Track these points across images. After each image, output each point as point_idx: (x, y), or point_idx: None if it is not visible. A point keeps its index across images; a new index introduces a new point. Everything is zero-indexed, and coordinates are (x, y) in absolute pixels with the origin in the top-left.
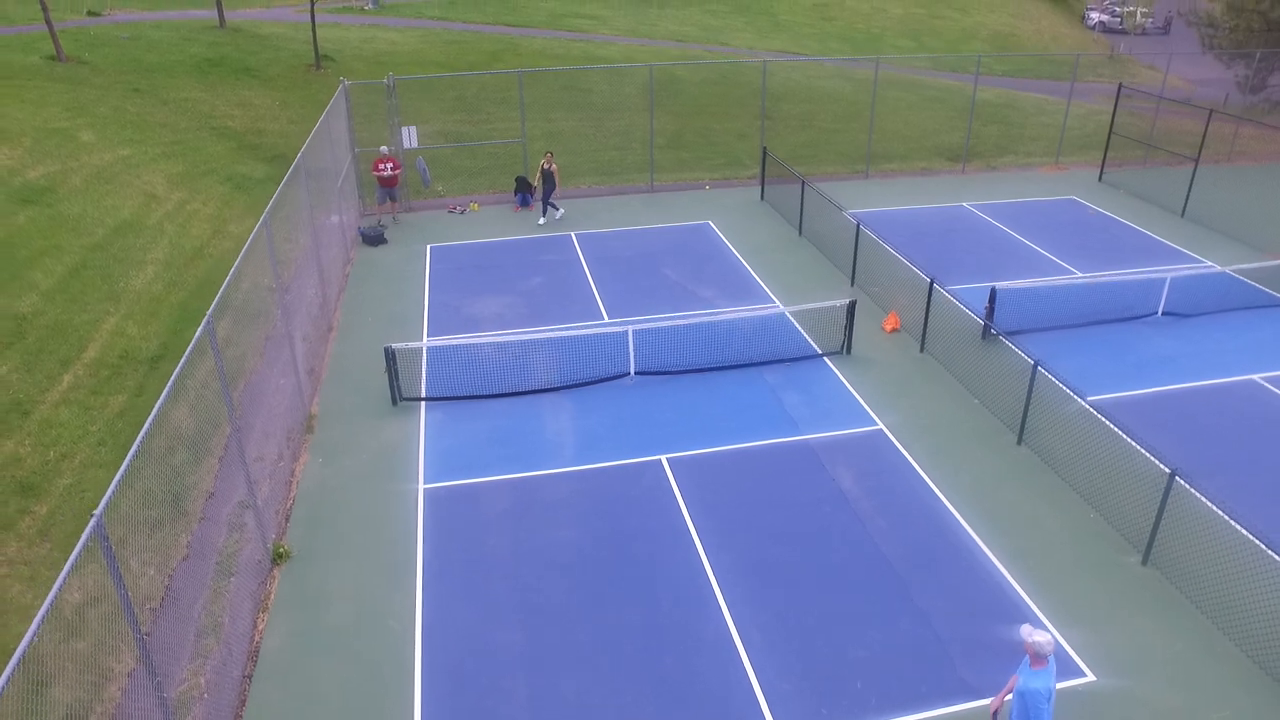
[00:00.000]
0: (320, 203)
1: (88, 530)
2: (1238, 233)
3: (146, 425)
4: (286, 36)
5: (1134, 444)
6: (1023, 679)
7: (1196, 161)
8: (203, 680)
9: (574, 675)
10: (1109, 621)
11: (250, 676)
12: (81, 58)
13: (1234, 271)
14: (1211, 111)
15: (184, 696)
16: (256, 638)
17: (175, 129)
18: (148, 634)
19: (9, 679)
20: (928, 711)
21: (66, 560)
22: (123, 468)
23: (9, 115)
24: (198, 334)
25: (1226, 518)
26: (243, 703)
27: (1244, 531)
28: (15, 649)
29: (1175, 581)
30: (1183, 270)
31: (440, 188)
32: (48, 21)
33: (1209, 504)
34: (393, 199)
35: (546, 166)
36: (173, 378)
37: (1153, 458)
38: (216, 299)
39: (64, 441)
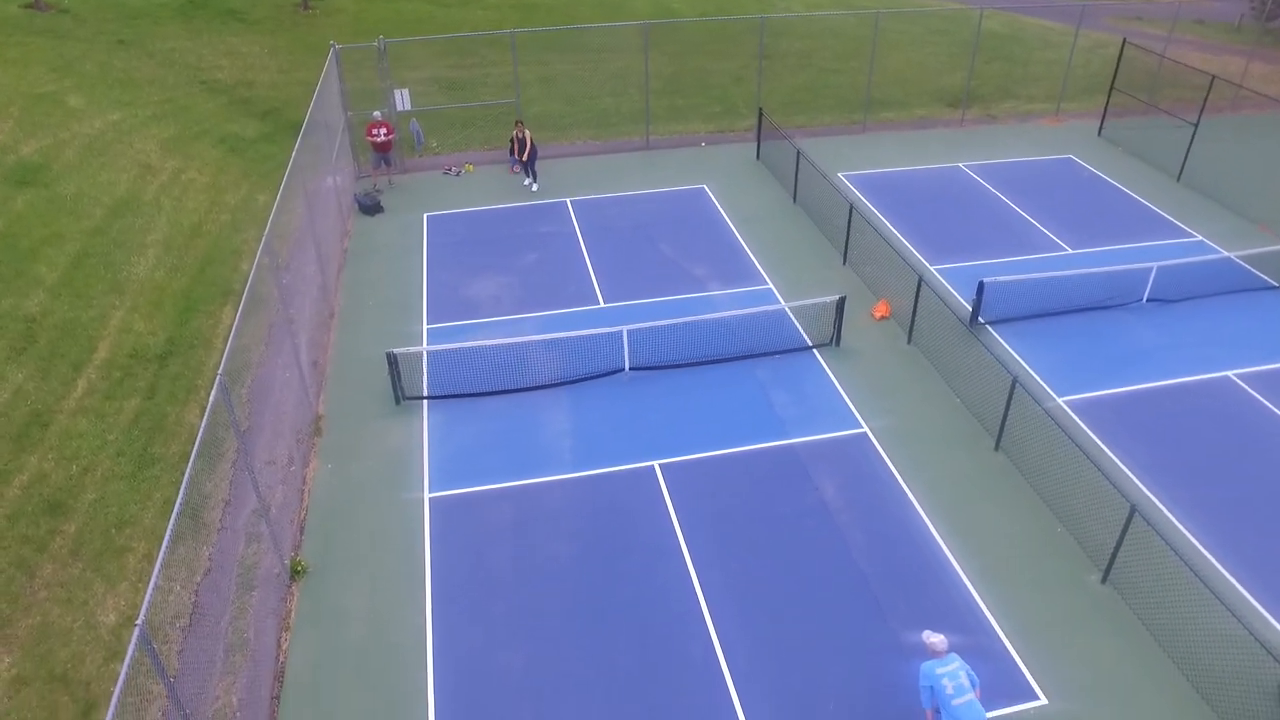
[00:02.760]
0: (314, 164)
1: (133, 644)
2: (1230, 200)
3: (178, 507)
4: None
5: (1098, 470)
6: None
7: (1196, 125)
8: (235, 699)
9: (573, 699)
10: (1065, 645)
11: (278, 698)
12: (61, 5)
13: (1217, 256)
14: (1214, 78)
15: (218, 715)
16: (281, 657)
17: (164, 85)
18: (180, 652)
19: None
20: None
21: (99, 580)
22: (158, 565)
23: None
24: (211, 401)
25: (1178, 558)
26: None
27: (1190, 571)
28: (64, 674)
29: (1130, 603)
30: (1168, 262)
31: (435, 143)
32: None
33: (1163, 541)
34: (387, 163)
35: (519, 136)
36: (192, 460)
37: (1116, 484)
38: (226, 355)
39: (84, 454)
